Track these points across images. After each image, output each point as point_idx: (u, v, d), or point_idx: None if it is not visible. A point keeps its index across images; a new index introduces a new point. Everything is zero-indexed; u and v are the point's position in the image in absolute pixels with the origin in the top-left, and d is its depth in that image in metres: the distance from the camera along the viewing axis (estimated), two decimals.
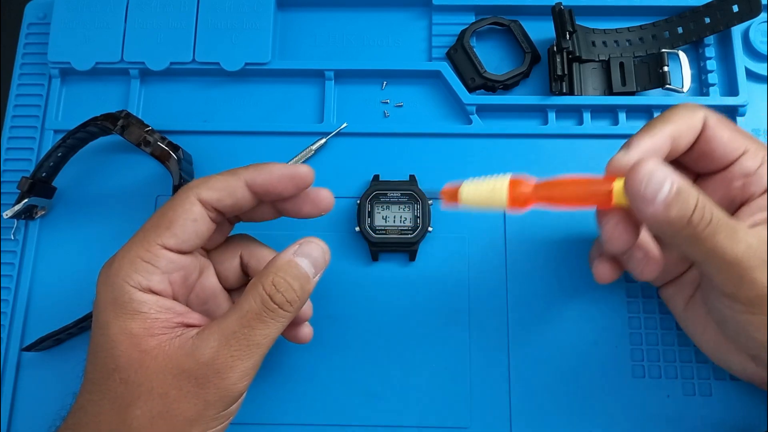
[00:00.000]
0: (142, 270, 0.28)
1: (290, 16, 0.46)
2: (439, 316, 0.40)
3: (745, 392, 0.38)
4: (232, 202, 0.30)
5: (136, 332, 0.28)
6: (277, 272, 0.29)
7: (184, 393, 0.28)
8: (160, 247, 0.29)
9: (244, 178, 0.30)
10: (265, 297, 0.28)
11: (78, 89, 0.45)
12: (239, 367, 0.28)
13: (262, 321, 0.28)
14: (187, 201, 0.29)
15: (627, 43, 0.44)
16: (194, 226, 0.29)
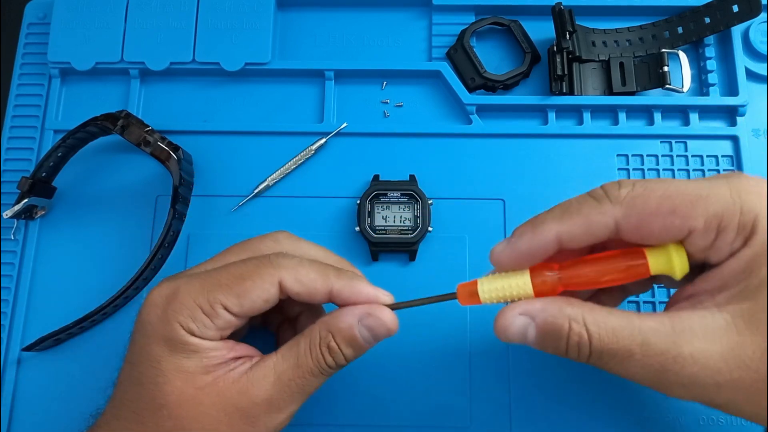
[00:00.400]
0: (199, 322, 0.28)
1: (290, 16, 0.46)
2: (438, 315, 0.40)
3: None
4: (308, 299, 0.30)
5: (192, 370, 0.28)
6: (335, 335, 0.29)
7: (235, 429, 0.28)
8: (222, 308, 0.28)
9: (332, 287, 0.29)
10: (320, 357, 0.29)
11: (78, 89, 0.45)
12: (288, 409, 0.29)
13: (314, 375, 0.29)
14: (269, 280, 0.28)
15: (627, 43, 0.44)
16: (263, 305, 0.29)
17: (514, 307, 0.27)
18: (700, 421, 0.38)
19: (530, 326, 0.26)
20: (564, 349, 0.26)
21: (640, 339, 0.25)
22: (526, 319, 0.26)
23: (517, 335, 0.27)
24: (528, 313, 0.26)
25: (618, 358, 0.25)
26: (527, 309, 0.26)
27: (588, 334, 0.25)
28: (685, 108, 0.43)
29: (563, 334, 0.26)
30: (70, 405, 0.38)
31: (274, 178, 0.42)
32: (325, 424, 0.38)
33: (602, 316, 0.25)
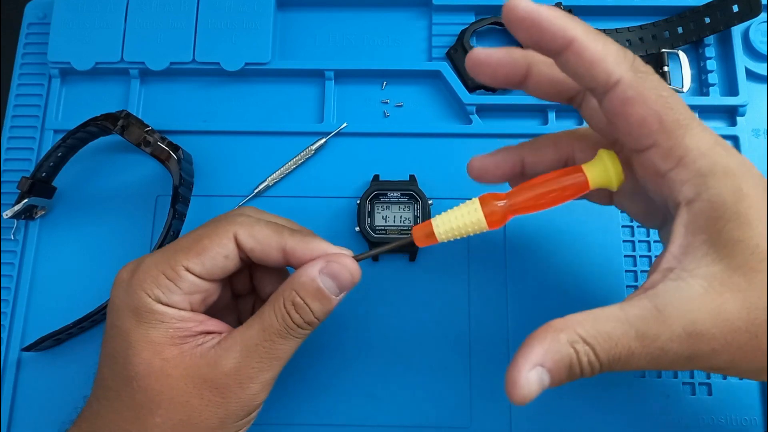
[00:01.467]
0: (164, 286, 0.28)
1: (290, 16, 0.46)
2: (439, 316, 0.40)
3: (745, 392, 0.38)
4: (262, 257, 0.30)
5: (159, 341, 0.28)
6: (298, 290, 0.29)
7: (205, 402, 0.28)
8: (184, 269, 0.28)
9: (285, 243, 0.29)
10: (285, 316, 0.29)
11: (78, 89, 0.45)
12: (260, 378, 0.29)
13: (282, 337, 0.29)
14: (225, 236, 0.29)
15: (627, 43, 0.44)
16: (224, 262, 0.29)
17: (521, 367, 0.25)
18: (700, 421, 0.38)
19: (543, 374, 0.25)
20: (579, 375, 0.25)
21: (634, 333, 0.24)
22: (538, 370, 0.25)
23: (538, 390, 0.25)
24: (536, 364, 0.25)
25: (622, 361, 0.25)
26: (532, 360, 0.25)
27: (593, 350, 0.25)
28: None
29: (575, 364, 0.25)
30: (70, 405, 0.38)
31: (274, 178, 0.42)
32: (325, 424, 0.38)
33: (594, 326, 0.25)
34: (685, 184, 0.25)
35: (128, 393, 0.28)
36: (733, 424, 0.37)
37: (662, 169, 0.25)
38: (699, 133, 0.25)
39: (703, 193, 0.25)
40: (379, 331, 0.39)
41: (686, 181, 0.25)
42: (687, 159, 0.25)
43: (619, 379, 0.38)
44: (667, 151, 0.25)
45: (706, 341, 0.24)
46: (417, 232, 0.30)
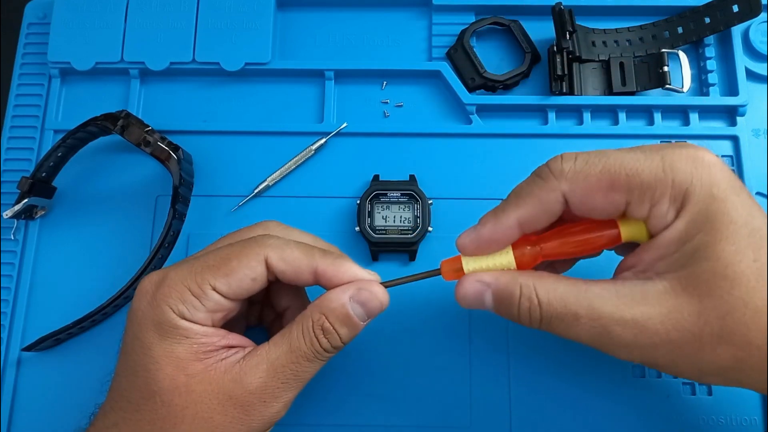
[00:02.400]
0: (189, 304, 0.28)
1: (290, 16, 0.46)
2: (439, 316, 0.40)
3: (745, 392, 0.38)
4: (293, 279, 0.30)
5: (183, 356, 0.28)
6: (328, 316, 0.29)
7: (229, 418, 0.28)
8: (211, 288, 0.28)
9: (317, 266, 0.29)
10: (314, 340, 0.29)
11: (78, 89, 0.45)
12: (284, 397, 0.29)
13: (309, 360, 0.29)
14: (255, 258, 0.29)
15: (627, 43, 0.44)
16: (251, 284, 0.29)
17: (473, 276, 0.29)
18: (700, 421, 0.38)
19: (487, 292, 0.29)
20: (516, 314, 0.28)
21: (586, 303, 0.26)
22: (482, 286, 0.29)
23: (475, 301, 0.29)
24: (483, 280, 0.29)
25: (566, 322, 0.27)
26: (483, 277, 0.29)
27: (538, 300, 0.27)
28: (685, 108, 0.43)
29: (515, 301, 0.28)
30: (70, 405, 0.38)
31: (274, 178, 0.42)
32: (325, 424, 0.38)
33: (551, 283, 0.28)
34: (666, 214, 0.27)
35: (150, 407, 0.28)
36: (733, 424, 0.37)
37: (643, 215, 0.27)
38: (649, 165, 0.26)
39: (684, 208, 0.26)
40: (379, 331, 0.39)
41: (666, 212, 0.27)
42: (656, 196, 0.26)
43: (619, 379, 0.38)
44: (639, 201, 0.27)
45: (649, 334, 0.26)
46: (445, 266, 0.31)
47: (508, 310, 0.28)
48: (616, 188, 0.27)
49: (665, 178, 0.26)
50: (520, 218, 0.28)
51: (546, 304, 0.27)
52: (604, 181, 0.27)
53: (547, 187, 0.28)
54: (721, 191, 0.26)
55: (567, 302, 0.27)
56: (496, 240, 0.29)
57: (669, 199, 0.26)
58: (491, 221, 0.29)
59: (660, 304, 0.26)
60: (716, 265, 0.25)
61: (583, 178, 0.27)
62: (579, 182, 0.27)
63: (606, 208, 0.27)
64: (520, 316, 0.28)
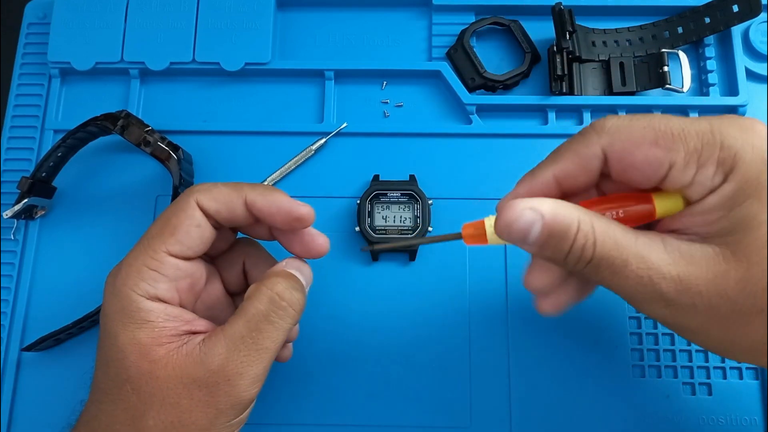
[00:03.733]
0: (149, 278, 0.28)
1: (290, 16, 0.46)
2: (439, 316, 0.40)
3: (745, 392, 0.38)
4: (229, 216, 0.30)
5: (145, 342, 0.28)
6: (278, 276, 0.30)
7: (195, 402, 0.28)
8: (165, 254, 0.28)
9: (245, 196, 0.30)
10: (274, 296, 0.29)
11: (78, 89, 0.45)
12: (249, 372, 0.28)
13: (270, 322, 0.28)
14: (189, 207, 0.29)
15: (627, 43, 0.44)
16: (198, 231, 0.29)
17: (522, 201, 0.26)
18: (700, 421, 0.38)
19: (537, 222, 0.25)
20: (566, 251, 0.26)
21: (636, 251, 0.25)
22: (535, 215, 0.25)
23: (522, 231, 0.26)
24: (538, 209, 0.25)
25: (614, 267, 0.25)
26: (537, 205, 0.26)
27: (594, 238, 0.25)
28: (685, 108, 0.43)
29: (571, 235, 0.25)
30: (70, 405, 0.38)
31: (274, 178, 0.42)
32: (325, 424, 0.38)
33: (607, 224, 0.26)
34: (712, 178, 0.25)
35: (122, 396, 0.28)
36: (733, 424, 0.37)
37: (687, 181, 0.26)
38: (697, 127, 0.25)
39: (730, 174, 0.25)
40: (379, 331, 0.39)
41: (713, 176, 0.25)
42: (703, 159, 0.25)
43: (619, 379, 0.38)
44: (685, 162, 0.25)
45: (690, 294, 0.25)
46: (468, 229, 0.28)
47: (558, 245, 0.26)
48: (660, 145, 0.25)
49: (713, 140, 0.25)
50: (557, 173, 0.27)
51: (601, 244, 0.25)
52: (648, 137, 0.26)
53: (587, 141, 0.27)
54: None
55: (620, 246, 0.25)
56: (532, 196, 0.27)
57: (717, 162, 0.25)
58: (528, 178, 0.28)
59: (707, 267, 0.25)
60: (766, 233, 0.24)
61: (625, 133, 0.26)
62: (621, 136, 0.26)
63: (646, 167, 0.26)
64: (570, 254, 0.26)
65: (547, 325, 0.39)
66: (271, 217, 0.30)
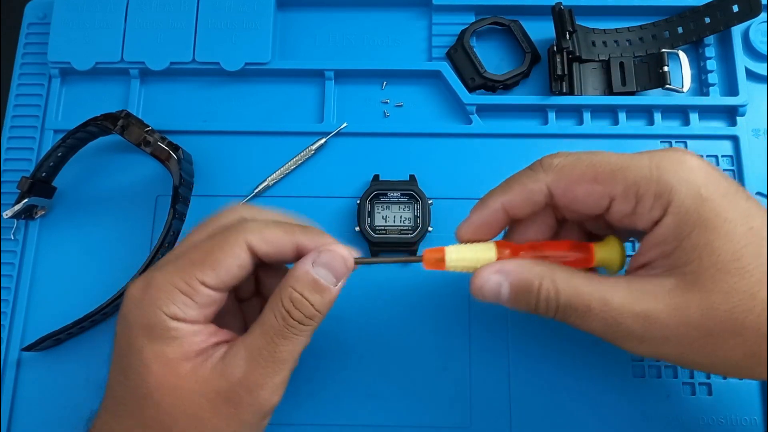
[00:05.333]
0: (179, 302, 0.28)
1: (290, 16, 0.46)
2: (439, 316, 0.40)
3: (745, 392, 0.38)
4: (278, 258, 0.30)
5: (172, 357, 0.27)
6: (294, 286, 0.28)
7: (218, 414, 0.28)
8: (199, 283, 0.28)
9: (297, 242, 0.30)
10: (285, 314, 0.28)
11: (78, 89, 0.45)
12: (269, 383, 0.28)
13: (284, 337, 0.28)
14: (237, 245, 0.28)
15: (627, 43, 0.44)
16: (239, 271, 0.29)
17: (490, 267, 0.29)
18: (700, 421, 0.38)
19: (504, 284, 0.29)
20: (534, 304, 0.29)
21: (599, 296, 0.27)
22: (500, 277, 0.29)
23: (492, 293, 0.29)
24: (502, 271, 0.29)
25: (579, 312, 0.28)
26: (501, 268, 0.29)
27: (556, 290, 0.28)
28: (685, 108, 0.43)
29: (534, 290, 0.28)
30: (70, 405, 0.38)
31: (274, 178, 0.42)
32: (325, 424, 0.38)
33: (567, 275, 0.28)
34: (650, 210, 0.27)
35: (142, 410, 0.28)
36: (733, 424, 0.37)
37: (628, 212, 0.28)
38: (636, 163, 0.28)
39: (668, 208, 0.27)
40: (379, 331, 0.39)
41: (651, 208, 0.27)
42: (641, 192, 0.27)
43: (619, 379, 0.38)
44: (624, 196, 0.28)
45: (659, 328, 0.26)
46: (428, 254, 0.31)
47: (526, 300, 0.29)
48: (599, 181, 0.28)
49: (650, 175, 0.27)
50: (505, 203, 0.30)
51: (563, 294, 0.28)
52: (589, 174, 0.28)
53: (534, 177, 0.30)
54: (711, 192, 0.26)
55: (581, 294, 0.28)
56: (483, 223, 0.31)
57: (654, 196, 0.27)
58: (479, 206, 0.31)
59: (668, 299, 0.26)
60: (718, 260, 0.26)
61: (568, 171, 0.29)
62: (564, 174, 0.29)
63: (588, 201, 0.29)
64: (538, 306, 0.29)
65: (547, 325, 0.39)
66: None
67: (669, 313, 0.26)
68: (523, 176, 0.30)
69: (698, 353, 0.27)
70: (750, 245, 0.26)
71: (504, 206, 0.30)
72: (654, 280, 0.27)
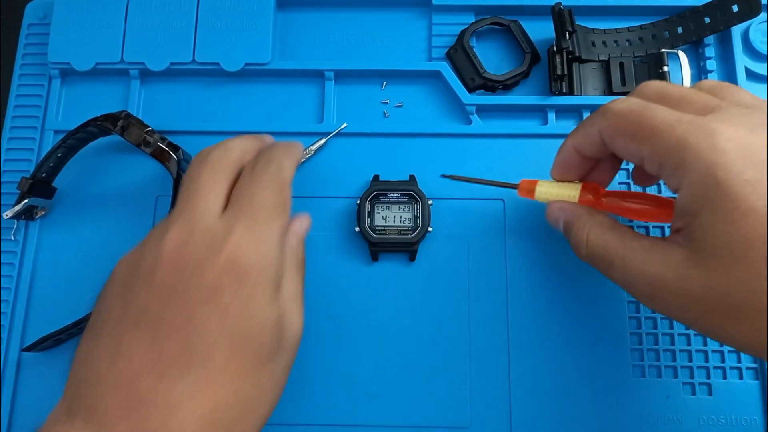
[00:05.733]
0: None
1: (290, 16, 0.46)
2: (439, 316, 0.40)
3: (745, 392, 0.38)
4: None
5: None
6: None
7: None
8: None
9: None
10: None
11: (78, 89, 0.45)
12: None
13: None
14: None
15: (627, 43, 0.44)
16: None
17: (557, 203, 0.35)
18: (700, 421, 0.38)
19: (561, 217, 0.34)
20: (574, 242, 0.33)
21: (621, 254, 0.30)
22: (560, 213, 0.34)
23: (554, 221, 0.35)
24: (562, 209, 0.34)
25: (603, 264, 0.31)
26: (562, 206, 0.34)
27: (587, 239, 0.32)
28: None
29: (574, 231, 0.33)
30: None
31: None
32: (324, 423, 0.38)
33: (604, 228, 0.32)
34: (670, 179, 0.28)
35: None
36: (733, 424, 0.37)
37: (656, 173, 0.29)
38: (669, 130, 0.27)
39: (682, 182, 0.27)
40: (379, 330, 0.39)
41: (671, 177, 0.28)
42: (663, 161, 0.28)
43: (619, 379, 0.38)
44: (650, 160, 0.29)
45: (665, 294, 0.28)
46: (523, 183, 0.36)
47: (568, 236, 0.34)
48: (635, 138, 0.29)
49: (674, 145, 0.27)
50: (575, 144, 0.33)
51: (592, 244, 0.32)
52: (630, 129, 0.29)
53: (593, 120, 0.31)
54: (730, 176, 0.25)
55: (608, 248, 0.31)
56: (561, 161, 0.34)
57: (673, 167, 0.27)
58: (559, 150, 0.35)
59: (676, 269, 0.27)
60: (722, 245, 0.26)
61: (616, 121, 0.30)
62: (612, 124, 0.30)
63: (624, 154, 0.30)
64: (574, 247, 0.33)
65: (547, 325, 0.39)
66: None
67: (674, 282, 0.27)
68: (588, 119, 0.32)
69: (701, 321, 0.28)
70: (759, 238, 0.25)
71: (575, 147, 0.33)
72: (672, 248, 0.28)
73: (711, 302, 0.26)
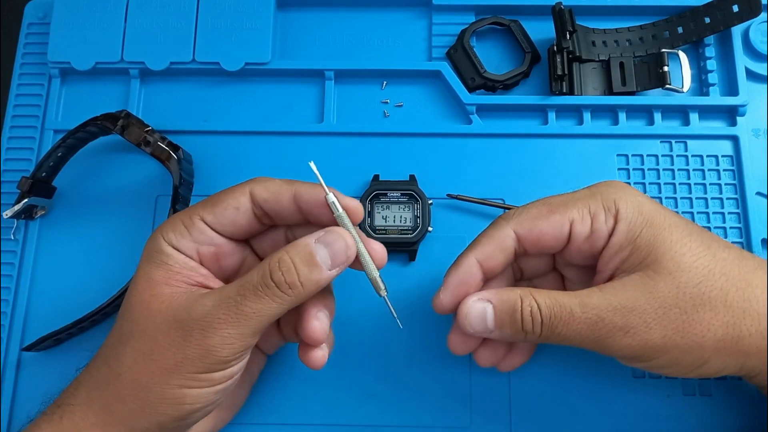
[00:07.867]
0: (177, 231, 0.31)
1: (290, 16, 0.46)
2: (438, 316, 0.39)
3: (745, 392, 0.38)
4: (276, 207, 0.31)
5: (156, 278, 0.30)
6: (288, 251, 0.29)
7: (169, 341, 0.28)
8: (199, 219, 0.31)
9: (294, 189, 0.31)
10: (266, 272, 0.29)
11: (78, 89, 0.45)
12: (223, 331, 0.28)
13: (255, 294, 0.28)
14: (239, 190, 0.31)
15: (627, 43, 0.44)
16: (234, 214, 0.31)
17: (472, 296, 0.31)
18: (700, 421, 0.38)
19: (488, 307, 0.31)
20: (520, 324, 0.30)
21: (578, 301, 0.30)
22: (483, 303, 0.31)
23: (478, 318, 0.31)
24: (484, 298, 0.31)
25: (564, 319, 0.30)
26: (483, 296, 0.31)
27: (538, 305, 0.30)
28: (685, 108, 0.43)
29: (518, 307, 0.30)
30: None
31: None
32: (324, 424, 0.38)
33: (545, 292, 0.31)
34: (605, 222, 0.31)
35: (119, 322, 0.31)
36: (733, 424, 0.37)
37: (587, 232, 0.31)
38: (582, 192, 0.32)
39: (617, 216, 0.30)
40: (379, 331, 0.39)
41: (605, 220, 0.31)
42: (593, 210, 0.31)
43: (619, 379, 0.38)
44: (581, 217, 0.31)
45: (639, 315, 0.29)
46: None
47: (512, 319, 0.30)
48: (557, 212, 0.31)
49: (595, 197, 0.31)
50: (478, 256, 0.32)
51: (545, 306, 0.30)
52: (545, 210, 0.31)
53: (499, 227, 0.32)
54: (648, 203, 0.31)
55: (562, 303, 0.30)
56: (462, 282, 0.32)
57: (604, 210, 0.31)
58: (453, 269, 0.32)
59: (640, 288, 0.29)
60: (671, 247, 0.29)
61: (528, 213, 0.32)
62: (525, 217, 0.32)
63: (553, 230, 0.31)
64: (524, 325, 0.30)
65: None
66: (317, 210, 0.31)
67: (644, 299, 0.29)
68: (489, 230, 0.32)
69: (681, 333, 0.29)
70: (693, 234, 0.30)
71: (478, 260, 0.32)
72: (623, 279, 0.30)
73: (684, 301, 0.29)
